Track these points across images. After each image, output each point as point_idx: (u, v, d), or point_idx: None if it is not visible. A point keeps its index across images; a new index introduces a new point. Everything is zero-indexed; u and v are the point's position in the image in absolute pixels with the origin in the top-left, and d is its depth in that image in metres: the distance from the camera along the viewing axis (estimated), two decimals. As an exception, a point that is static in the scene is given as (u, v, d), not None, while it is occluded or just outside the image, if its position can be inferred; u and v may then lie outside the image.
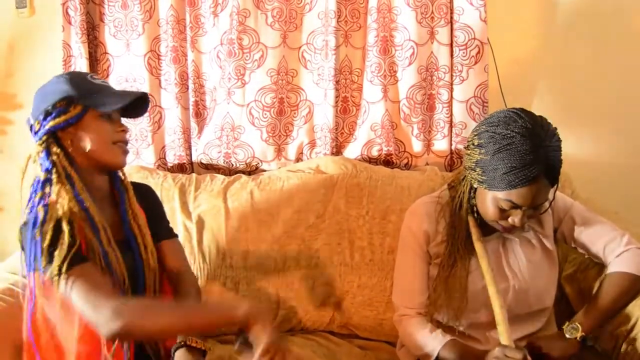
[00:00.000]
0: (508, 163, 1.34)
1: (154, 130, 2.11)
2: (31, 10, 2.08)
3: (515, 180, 1.34)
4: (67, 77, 1.39)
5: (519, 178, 1.33)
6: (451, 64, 2.07)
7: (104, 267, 1.31)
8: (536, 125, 1.36)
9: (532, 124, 1.35)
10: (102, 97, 1.38)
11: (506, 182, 1.35)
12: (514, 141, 1.34)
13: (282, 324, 1.86)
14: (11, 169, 2.12)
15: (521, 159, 1.32)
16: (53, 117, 1.35)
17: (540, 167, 1.33)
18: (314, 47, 2.07)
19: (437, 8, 2.03)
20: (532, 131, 1.34)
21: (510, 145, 1.34)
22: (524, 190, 1.35)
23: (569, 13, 2.15)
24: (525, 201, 1.37)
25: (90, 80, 1.40)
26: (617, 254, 1.52)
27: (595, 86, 2.19)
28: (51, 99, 1.36)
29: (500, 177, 1.36)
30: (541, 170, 1.34)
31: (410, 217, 1.64)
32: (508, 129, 1.35)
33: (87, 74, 1.46)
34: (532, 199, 1.37)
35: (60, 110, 1.35)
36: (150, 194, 1.61)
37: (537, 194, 1.37)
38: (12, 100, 2.11)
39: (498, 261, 1.54)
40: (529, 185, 1.35)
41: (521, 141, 1.33)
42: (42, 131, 1.36)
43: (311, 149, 2.14)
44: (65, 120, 1.34)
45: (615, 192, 2.15)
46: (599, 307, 1.48)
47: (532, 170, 1.33)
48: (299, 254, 1.88)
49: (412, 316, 1.57)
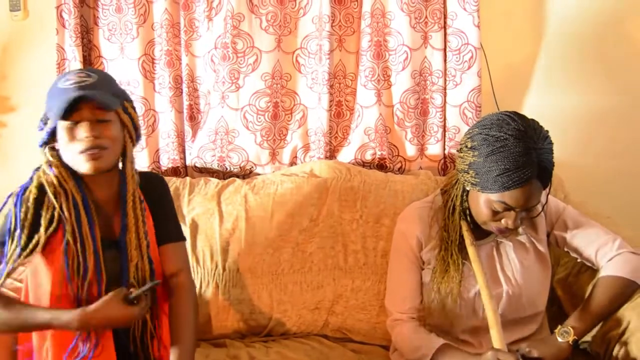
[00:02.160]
0: (501, 165, 1.35)
1: (148, 133, 2.11)
2: (25, 13, 2.07)
3: (508, 182, 1.35)
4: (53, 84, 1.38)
5: (512, 180, 1.35)
6: (444, 69, 2.09)
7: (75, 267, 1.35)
8: (528, 127, 1.37)
9: (524, 126, 1.37)
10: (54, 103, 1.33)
11: (499, 184, 1.36)
12: (507, 143, 1.35)
13: (276, 328, 1.86)
14: (5, 171, 2.12)
15: (514, 161, 1.34)
16: (39, 131, 1.40)
17: (533, 169, 1.35)
18: (308, 51, 2.08)
19: (430, 13, 2.05)
20: (525, 134, 1.36)
21: (504, 147, 1.35)
22: (517, 192, 1.37)
23: (561, 18, 2.16)
24: (518, 203, 1.38)
25: (58, 88, 1.35)
26: (609, 258, 1.53)
27: (588, 91, 2.21)
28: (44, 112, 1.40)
29: (493, 179, 1.37)
30: (534, 172, 1.35)
31: (402, 222, 1.65)
32: (501, 132, 1.37)
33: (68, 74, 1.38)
34: (525, 200, 1.38)
35: (41, 126, 1.40)
36: (160, 188, 1.58)
37: (530, 196, 1.38)
38: (6, 103, 2.11)
39: (492, 266, 1.55)
40: (522, 187, 1.36)
41: (514, 143, 1.34)
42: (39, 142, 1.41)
43: (305, 152, 2.15)
44: (44, 134, 1.38)
45: (607, 196, 2.16)
46: (591, 311, 1.48)
47: (525, 172, 1.34)
48: (293, 258, 1.88)
49: (405, 321, 1.57)
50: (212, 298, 1.83)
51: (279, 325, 1.86)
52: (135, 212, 1.45)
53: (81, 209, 1.37)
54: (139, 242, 1.45)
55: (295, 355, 1.70)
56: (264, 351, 1.73)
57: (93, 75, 1.38)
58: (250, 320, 1.84)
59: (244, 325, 1.85)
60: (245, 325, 1.85)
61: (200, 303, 1.81)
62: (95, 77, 1.38)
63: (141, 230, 1.45)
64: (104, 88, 1.38)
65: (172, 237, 1.55)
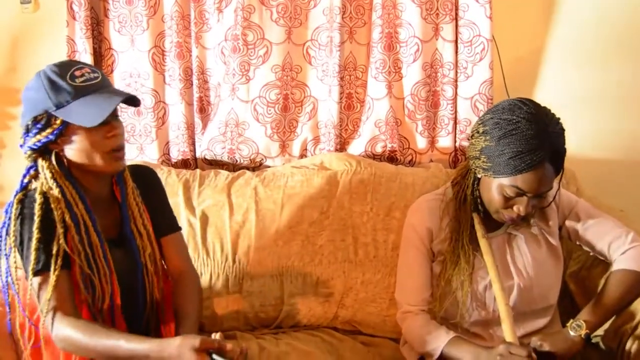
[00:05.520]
0: (514, 148, 1.35)
1: (158, 126, 2.11)
2: (35, 5, 2.08)
3: (521, 164, 1.35)
4: (48, 81, 1.29)
5: (524, 162, 1.35)
6: (456, 61, 2.07)
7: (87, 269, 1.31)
8: (540, 111, 1.39)
9: (536, 110, 1.38)
10: (81, 107, 1.27)
11: (512, 167, 1.36)
12: (519, 126, 1.35)
13: (286, 320, 1.86)
14: (14, 164, 2.12)
15: (527, 143, 1.34)
16: (34, 133, 1.30)
17: (546, 151, 1.35)
18: (319, 43, 2.07)
19: (442, 5, 2.03)
20: (537, 117, 1.37)
21: (516, 130, 1.35)
22: (530, 176, 1.36)
23: (573, 10, 2.14)
24: (531, 187, 1.38)
25: (70, 83, 1.28)
26: (622, 252, 1.52)
27: (600, 83, 2.19)
28: (32, 111, 1.30)
29: (505, 162, 1.37)
30: (546, 155, 1.35)
31: (412, 214, 1.65)
32: (513, 115, 1.37)
33: (69, 68, 1.31)
34: (537, 185, 1.38)
35: (39, 126, 1.29)
36: (151, 180, 1.56)
37: (542, 180, 1.38)
38: (16, 95, 2.09)
39: (503, 258, 1.54)
40: (534, 170, 1.36)
41: (526, 125, 1.35)
42: (25, 147, 1.33)
43: (315, 145, 2.14)
44: (45, 137, 1.30)
45: (620, 189, 2.15)
46: (603, 305, 1.48)
47: (538, 155, 1.34)
48: (303, 250, 1.88)
49: (415, 313, 1.57)
50: (222, 290, 1.83)
51: (289, 318, 1.86)
52: (137, 203, 1.45)
53: (84, 214, 1.33)
54: (147, 232, 1.45)
55: (306, 347, 1.70)
56: (274, 343, 1.73)
57: (95, 70, 1.34)
58: (261, 313, 1.85)
59: (254, 318, 1.85)
60: (256, 318, 1.85)
61: (210, 295, 1.82)
62: (98, 72, 1.34)
63: (145, 221, 1.46)
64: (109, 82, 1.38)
65: (170, 228, 1.55)
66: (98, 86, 1.31)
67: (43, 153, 1.33)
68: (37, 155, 1.33)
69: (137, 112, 2.10)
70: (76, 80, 1.29)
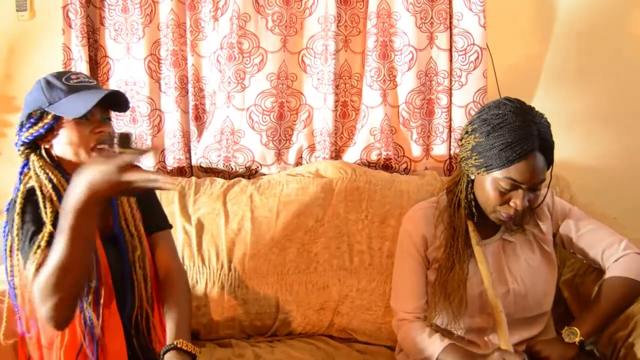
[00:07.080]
0: (503, 140, 1.39)
1: (154, 133, 2.12)
2: (31, 13, 2.08)
3: (512, 155, 1.38)
4: (45, 82, 1.36)
5: (515, 152, 1.38)
6: (450, 69, 2.08)
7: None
8: (525, 106, 1.44)
9: (520, 105, 1.44)
10: (71, 101, 1.33)
11: (504, 159, 1.39)
12: (506, 119, 1.40)
13: (281, 328, 1.86)
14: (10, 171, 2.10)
15: (515, 134, 1.38)
16: (27, 128, 1.36)
17: (534, 141, 1.39)
18: (314, 51, 2.08)
19: (436, 13, 2.04)
20: (522, 110, 1.42)
21: (503, 122, 1.40)
22: (522, 165, 1.39)
23: (567, 19, 2.16)
24: (524, 177, 1.40)
25: (64, 83, 1.35)
26: (615, 259, 1.53)
27: (594, 91, 2.20)
28: (27, 109, 1.36)
29: (497, 155, 1.40)
30: (535, 144, 1.39)
31: (407, 222, 1.65)
32: (499, 110, 1.43)
33: (67, 73, 1.39)
34: (530, 174, 1.40)
35: (32, 121, 1.35)
36: None
37: (535, 170, 1.40)
38: (12, 102, 2.11)
39: (498, 265, 1.55)
40: (526, 160, 1.39)
41: (513, 117, 1.40)
42: (18, 143, 1.39)
43: (310, 153, 2.15)
44: (36, 131, 1.35)
45: (613, 197, 2.15)
46: (597, 312, 1.48)
47: (527, 144, 1.38)
48: (298, 258, 1.88)
49: (410, 321, 1.57)
50: (217, 298, 1.83)
51: (284, 326, 1.86)
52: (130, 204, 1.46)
53: None
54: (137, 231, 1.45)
55: (301, 355, 1.70)
56: (270, 351, 1.73)
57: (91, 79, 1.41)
58: (256, 321, 1.85)
59: (250, 325, 1.85)
60: (251, 326, 1.85)
61: (205, 303, 1.82)
62: (94, 81, 1.41)
63: (137, 219, 1.46)
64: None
65: (160, 226, 1.56)
66: (91, 86, 1.38)
67: (34, 149, 1.38)
68: (29, 151, 1.38)
69: (132, 120, 2.10)
70: (71, 81, 1.36)
